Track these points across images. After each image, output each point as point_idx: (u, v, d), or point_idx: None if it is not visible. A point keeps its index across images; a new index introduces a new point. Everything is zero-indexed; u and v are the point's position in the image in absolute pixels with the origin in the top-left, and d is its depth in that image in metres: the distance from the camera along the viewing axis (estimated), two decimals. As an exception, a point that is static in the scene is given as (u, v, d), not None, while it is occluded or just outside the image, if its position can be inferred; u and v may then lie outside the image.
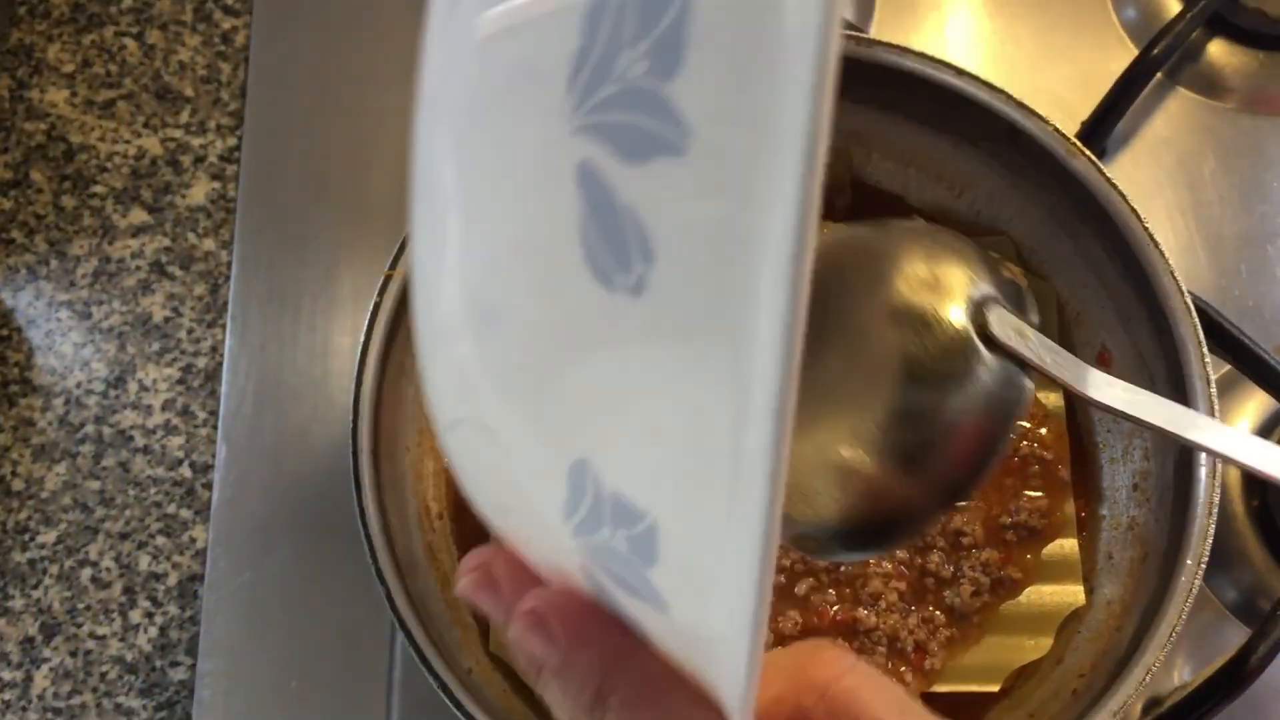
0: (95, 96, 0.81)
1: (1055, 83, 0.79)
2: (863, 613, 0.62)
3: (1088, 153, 0.61)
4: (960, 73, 0.62)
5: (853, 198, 0.70)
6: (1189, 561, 0.57)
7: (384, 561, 0.57)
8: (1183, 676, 0.68)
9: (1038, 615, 0.64)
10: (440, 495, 0.66)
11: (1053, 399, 0.66)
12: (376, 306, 0.60)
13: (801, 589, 0.63)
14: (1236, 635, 0.67)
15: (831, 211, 0.69)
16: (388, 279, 0.60)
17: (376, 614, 0.70)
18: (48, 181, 0.79)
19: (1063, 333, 0.68)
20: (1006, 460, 0.65)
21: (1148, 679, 0.55)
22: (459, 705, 0.54)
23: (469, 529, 0.66)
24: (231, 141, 0.80)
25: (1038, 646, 0.64)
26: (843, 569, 0.63)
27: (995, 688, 0.63)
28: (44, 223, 0.78)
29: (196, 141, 0.80)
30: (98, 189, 0.79)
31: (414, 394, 0.65)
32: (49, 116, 0.80)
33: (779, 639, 0.62)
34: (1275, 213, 0.77)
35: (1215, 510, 0.57)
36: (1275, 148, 0.79)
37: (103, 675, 0.71)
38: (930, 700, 0.63)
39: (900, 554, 0.64)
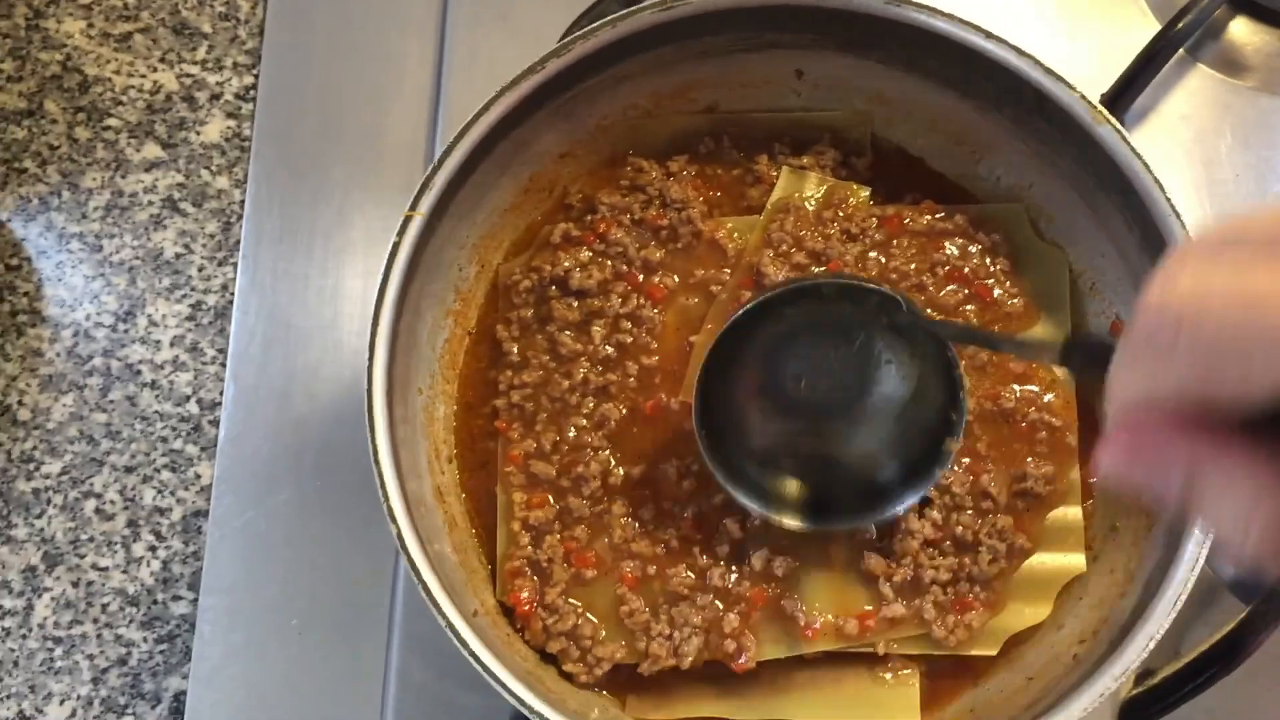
0: (112, 29, 0.80)
1: (1076, 54, 0.79)
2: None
3: (1113, 120, 0.60)
4: (989, 35, 0.61)
5: (873, 159, 0.70)
6: (1196, 531, 0.57)
7: (395, 501, 0.57)
8: (1174, 648, 0.68)
9: (1038, 581, 0.64)
10: (450, 439, 0.66)
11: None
12: (395, 246, 0.59)
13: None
14: (1230, 609, 0.67)
15: (854, 173, 0.69)
16: (408, 219, 0.60)
17: (379, 554, 0.70)
18: (62, 112, 0.79)
19: (1076, 302, 0.68)
20: (1015, 426, 0.65)
21: (1151, 645, 0.55)
22: (465, 644, 0.54)
23: (476, 472, 0.66)
24: (248, 80, 0.80)
25: (1037, 612, 0.64)
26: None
27: (993, 651, 0.63)
28: (57, 154, 0.78)
29: (213, 78, 0.80)
30: (112, 122, 0.79)
31: (427, 336, 0.64)
32: (64, 47, 0.80)
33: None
34: (1290, 193, 0.77)
35: (1224, 481, 0.57)
36: (1293, 129, 0.79)
37: (104, 606, 0.71)
38: (930, 662, 0.64)
39: (936, 515, 0.64)
